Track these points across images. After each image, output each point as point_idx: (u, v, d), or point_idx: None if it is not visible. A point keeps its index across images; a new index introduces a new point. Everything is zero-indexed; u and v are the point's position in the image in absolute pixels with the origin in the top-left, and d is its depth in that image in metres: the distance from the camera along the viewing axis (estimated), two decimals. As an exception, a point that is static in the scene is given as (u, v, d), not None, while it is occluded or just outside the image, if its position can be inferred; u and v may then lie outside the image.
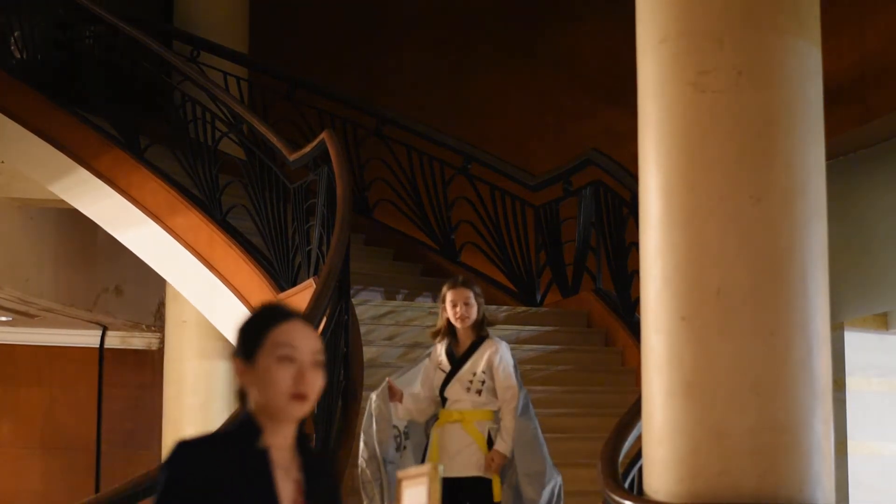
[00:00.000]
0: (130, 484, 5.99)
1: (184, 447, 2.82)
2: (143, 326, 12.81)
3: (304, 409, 2.87)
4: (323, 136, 8.45)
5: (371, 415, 6.27)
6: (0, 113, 10.01)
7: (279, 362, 2.84)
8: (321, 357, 2.91)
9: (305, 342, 2.88)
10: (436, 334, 6.38)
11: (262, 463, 2.84)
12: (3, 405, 13.02)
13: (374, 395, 6.31)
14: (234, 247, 8.95)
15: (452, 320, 6.23)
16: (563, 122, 12.03)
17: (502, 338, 8.69)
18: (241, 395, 2.92)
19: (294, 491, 2.87)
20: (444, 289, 6.30)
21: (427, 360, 6.36)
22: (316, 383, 2.88)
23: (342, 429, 7.09)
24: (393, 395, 6.23)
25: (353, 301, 8.06)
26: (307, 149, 8.56)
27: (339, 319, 7.26)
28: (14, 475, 12.90)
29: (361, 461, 6.23)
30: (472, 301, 6.20)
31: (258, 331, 2.88)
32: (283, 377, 2.84)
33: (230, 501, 2.78)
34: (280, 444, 2.89)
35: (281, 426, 2.88)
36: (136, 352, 13.03)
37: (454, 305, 6.20)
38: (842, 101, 9.16)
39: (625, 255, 8.85)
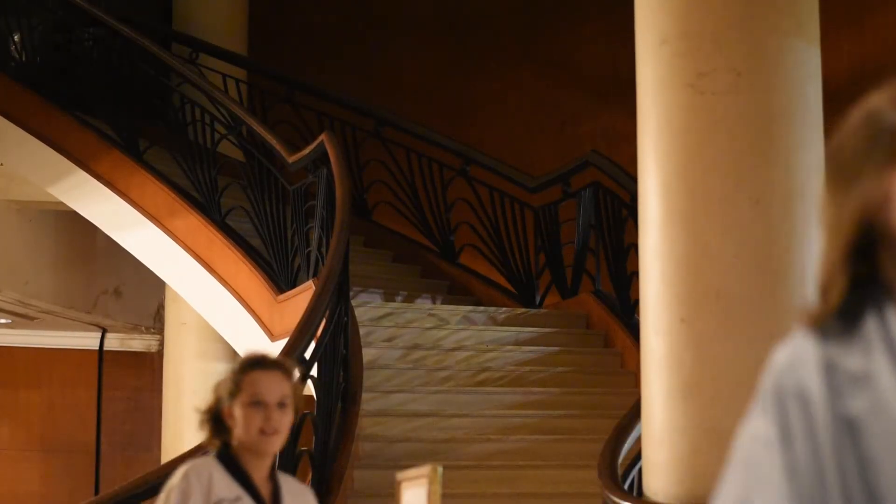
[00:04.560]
0: (130, 486, 5.99)
1: None
2: (143, 328, 12.80)
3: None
4: (322, 137, 8.44)
5: None
6: (-1, 115, 10.01)
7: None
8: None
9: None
10: None
11: None
12: (3, 407, 13.00)
13: None
14: (233, 249, 8.94)
15: None
16: (562, 124, 12.03)
17: (501, 339, 8.66)
18: None
19: None
20: None
21: None
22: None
23: (341, 431, 7.08)
24: None
25: (353, 303, 8.05)
26: (306, 151, 8.56)
27: (339, 321, 7.25)
28: (13, 477, 12.89)
29: None
30: None
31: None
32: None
33: None
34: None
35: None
36: (135, 354, 13.01)
37: None
38: (841, 101, 9.14)
39: (624, 256, 8.85)
